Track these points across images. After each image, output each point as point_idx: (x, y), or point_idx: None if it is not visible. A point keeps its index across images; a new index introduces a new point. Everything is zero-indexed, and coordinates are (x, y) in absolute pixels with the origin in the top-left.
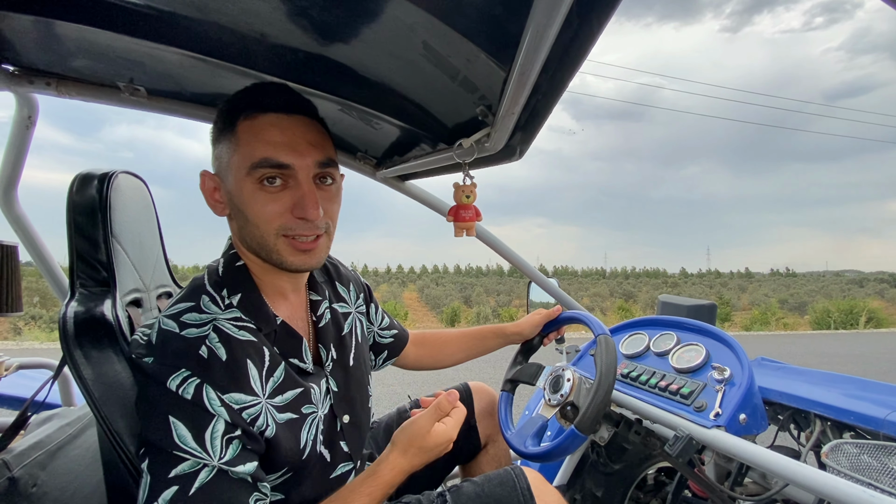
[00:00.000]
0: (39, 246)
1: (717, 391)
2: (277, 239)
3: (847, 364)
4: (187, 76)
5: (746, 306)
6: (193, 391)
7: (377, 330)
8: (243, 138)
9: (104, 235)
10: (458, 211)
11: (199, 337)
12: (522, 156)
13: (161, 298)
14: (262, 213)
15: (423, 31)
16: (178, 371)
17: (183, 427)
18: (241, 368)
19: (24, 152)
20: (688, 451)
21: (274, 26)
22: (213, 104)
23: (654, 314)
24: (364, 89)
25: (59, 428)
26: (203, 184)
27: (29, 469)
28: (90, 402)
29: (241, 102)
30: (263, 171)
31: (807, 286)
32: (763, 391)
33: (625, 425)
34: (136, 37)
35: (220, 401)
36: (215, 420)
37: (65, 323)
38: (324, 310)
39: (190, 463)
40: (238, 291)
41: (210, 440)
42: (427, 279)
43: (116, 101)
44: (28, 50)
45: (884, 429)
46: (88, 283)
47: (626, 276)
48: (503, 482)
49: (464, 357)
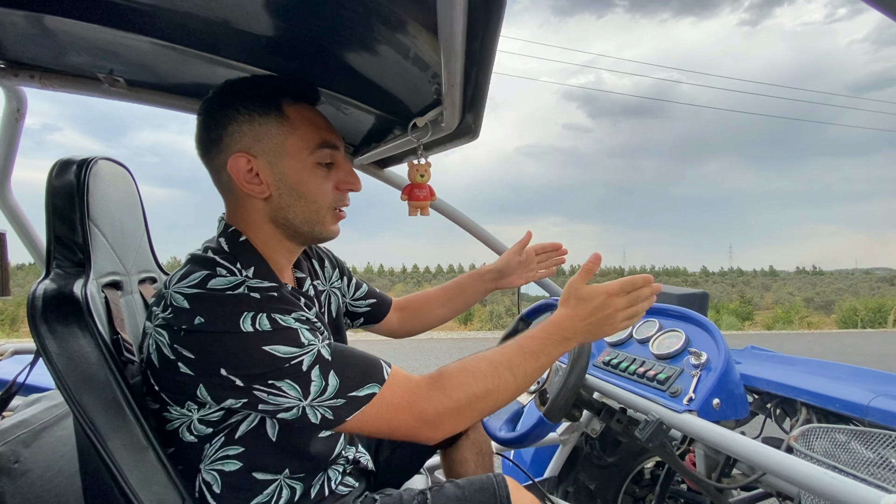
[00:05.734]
0: (33, 237)
1: (693, 376)
2: (328, 212)
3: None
4: (163, 66)
5: (770, 305)
6: (269, 322)
7: (350, 301)
8: (298, 122)
9: (81, 218)
10: (413, 190)
11: (243, 292)
12: (477, 134)
13: (144, 283)
14: (322, 190)
15: (375, 5)
16: (243, 314)
17: (283, 346)
18: (291, 300)
19: (15, 145)
20: (657, 436)
21: (244, 14)
22: (192, 94)
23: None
24: (331, 73)
25: (46, 409)
26: (236, 165)
27: (12, 446)
28: (54, 376)
29: (283, 88)
30: (324, 153)
31: (834, 284)
32: (751, 379)
33: (606, 413)
34: (111, 27)
35: (293, 318)
36: (300, 329)
37: (33, 299)
38: (308, 286)
39: (309, 355)
40: (251, 265)
41: (308, 340)
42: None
43: (98, 92)
44: (11, 43)
45: (868, 415)
46: (64, 265)
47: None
48: (484, 488)
49: (447, 312)
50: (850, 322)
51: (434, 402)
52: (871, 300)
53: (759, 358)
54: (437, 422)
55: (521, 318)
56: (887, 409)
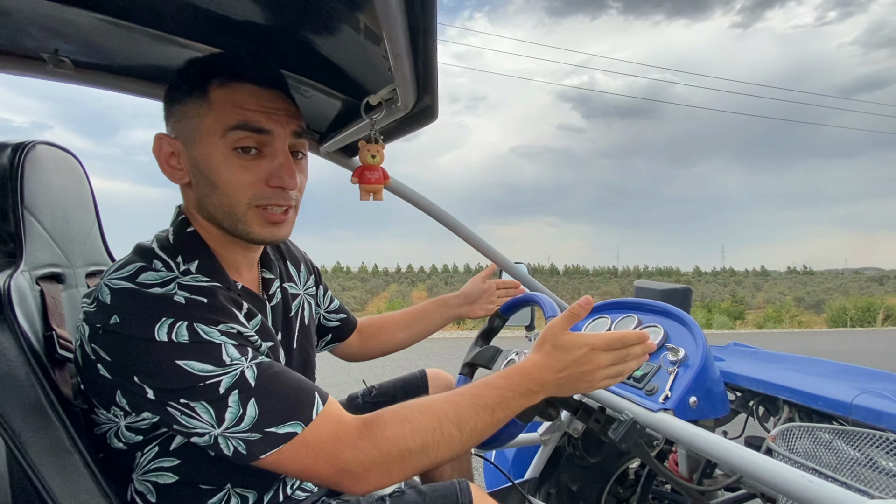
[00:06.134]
0: None
1: (670, 373)
2: (248, 209)
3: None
4: (111, 45)
5: (761, 304)
6: (188, 332)
7: (324, 312)
8: (218, 103)
9: (14, 206)
10: (364, 172)
11: (168, 292)
12: (436, 115)
13: (92, 277)
14: (235, 182)
15: None
16: (161, 320)
17: (198, 363)
18: (224, 308)
19: None
20: (631, 436)
21: None
22: (143, 77)
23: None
24: (286, 51)
25: None
26: (158, 147)
27: None
28: None
29: (214, 67)
30: (240, 136)
31: (824, 284)
32: (732, 377)
33: (584, 412)
34: (54, 1)
35: (219, 332)
36: (224, 345)
37: None
38: (275, 289)
39: (229, 376)
40: (195, 259)
41: (230, 358)
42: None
43: (42, 73)
44: None
45: (852, 413)
46: None
47: (638, 274)
48: (445, 495)
49: (407, 337)
50: (840, 321)
51: (360, 454)
52: (861, 299)
53: (742, 355)
54: (360, 475)
55: (497, 314)
56: (871, 406)
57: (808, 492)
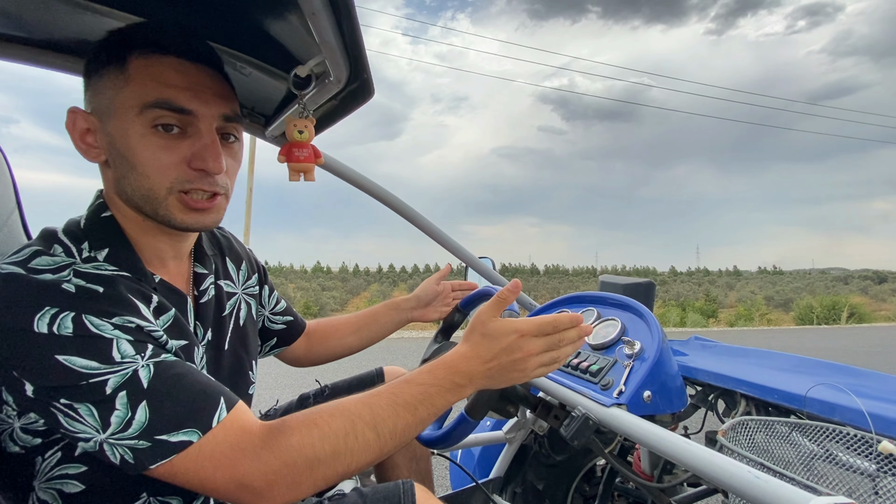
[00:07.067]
0: None
1: (626, 367)
2: (170, 194)
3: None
4: (20, 13)
5: (733, 303)
6: (73, 325)
7: (268, 314)
8: (136, 77)
9: None
10: (291, 150)
11: (58, 279)
12: (371, 91)
13: None
14: (154, 163)
15: None
16: (42, 309)
17: (81, 359)
18: (124, 299)
19: None
20: (583, 433)
21: None
22: (59, 49)
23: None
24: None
25: None
26: (72, 122)
27: None
28: None
29: (135, 37)
30: (158, 114)
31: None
32: (692, 371)
33: (543, 409)
34: None
35: (112, 325)
36: (115, 340)
37: None
38: (208, 285)
39: (118, 375)
40: (105, 246)
41: (122, 355)
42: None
43: None
44: None
45: (806, 406)
46: None
47: (616, 274)
48: (388, 497)
49: (356, 341)
50: (807, 319)
51: (262, 465)
52: (826, 298)
53: (703, 349)
54: (262, 489)
55: (456, 309)
56: (825, 399)
57: (753, 488)
